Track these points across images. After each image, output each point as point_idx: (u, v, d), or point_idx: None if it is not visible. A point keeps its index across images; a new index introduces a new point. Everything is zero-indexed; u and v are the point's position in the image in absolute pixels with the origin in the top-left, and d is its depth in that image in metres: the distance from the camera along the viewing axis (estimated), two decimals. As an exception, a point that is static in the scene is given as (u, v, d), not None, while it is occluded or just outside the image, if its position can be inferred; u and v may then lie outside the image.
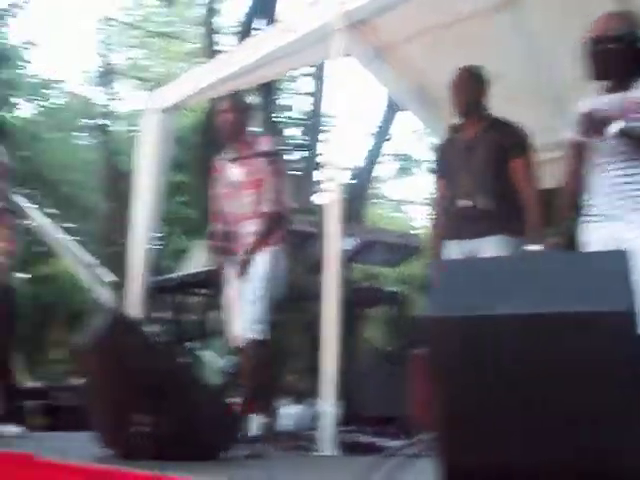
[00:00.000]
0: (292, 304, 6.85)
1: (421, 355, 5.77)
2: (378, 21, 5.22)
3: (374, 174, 15.28)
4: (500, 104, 4.55)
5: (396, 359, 5.85)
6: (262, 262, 4.57)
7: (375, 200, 24.06)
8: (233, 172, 4.85)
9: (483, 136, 4.34)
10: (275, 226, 4.63)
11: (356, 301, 5.69)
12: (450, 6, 4.82)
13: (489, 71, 4.46)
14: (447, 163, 4.48)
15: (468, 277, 2.24)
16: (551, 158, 4.82)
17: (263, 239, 4.60)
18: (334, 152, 4.38)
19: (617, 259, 2.12)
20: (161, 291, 6.35)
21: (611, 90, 3.59)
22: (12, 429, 4.94)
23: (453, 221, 4.36)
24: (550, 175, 4.32)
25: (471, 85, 4.44)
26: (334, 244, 4.03)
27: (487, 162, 4.27)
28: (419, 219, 27.48)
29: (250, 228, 4.69)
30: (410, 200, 29.71)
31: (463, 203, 4.29)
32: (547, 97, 5.25)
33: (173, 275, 6.50)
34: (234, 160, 4.85)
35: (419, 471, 2.40)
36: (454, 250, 4.32)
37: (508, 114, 4.48)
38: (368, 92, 19.32)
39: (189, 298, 7.23)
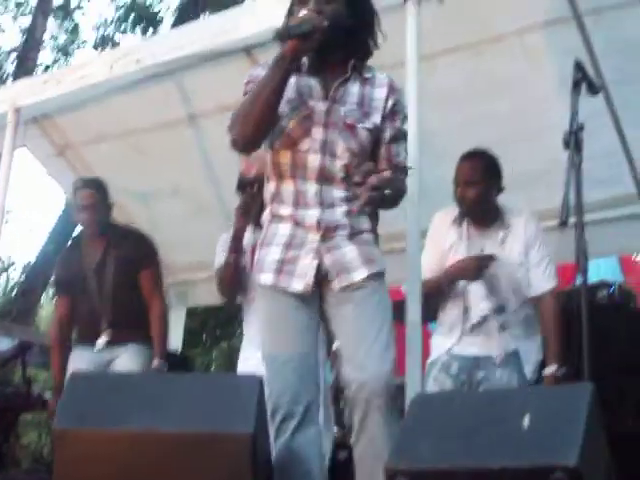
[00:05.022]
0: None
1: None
2: (59, 119, 5.14)
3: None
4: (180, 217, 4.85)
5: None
6: None
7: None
8: None
9: (111, 251, 4.27)
10: None
11: (9, 406, 5.38)
12: (132, 116, 4.87)
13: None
14: (73, 281, 4.31)
15: (103, 390, 2.21)
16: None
17: None
18: (5, 246, 4.14)
19: (250, 382, 2.19)
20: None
21: None
22: None
23: (83, 327, 4.26)
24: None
25: (99, 204, 4.27)
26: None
27: (119, 275, 4.21)
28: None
29: None
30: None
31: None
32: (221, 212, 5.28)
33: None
34: None
35: None
36: (84, 358, 4.19)
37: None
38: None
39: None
